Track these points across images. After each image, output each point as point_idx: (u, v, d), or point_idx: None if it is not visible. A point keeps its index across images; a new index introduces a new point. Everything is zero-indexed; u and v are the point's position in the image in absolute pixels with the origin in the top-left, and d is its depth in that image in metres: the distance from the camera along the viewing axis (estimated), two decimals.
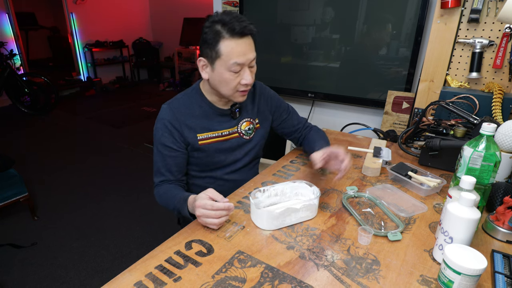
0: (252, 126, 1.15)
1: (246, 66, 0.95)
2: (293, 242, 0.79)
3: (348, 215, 0.90)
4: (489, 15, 1.36)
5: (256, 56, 0.97)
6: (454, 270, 0.61)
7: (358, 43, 1.89)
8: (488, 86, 1.34)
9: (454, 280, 0.62)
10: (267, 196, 0.93)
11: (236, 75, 0.95)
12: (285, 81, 2.19)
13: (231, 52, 0.91)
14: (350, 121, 1.90)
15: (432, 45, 1.48)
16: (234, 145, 1.11)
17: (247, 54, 0.93)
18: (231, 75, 0.94)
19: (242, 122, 1.12)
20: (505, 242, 0.79)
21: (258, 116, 1.17)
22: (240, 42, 0.91)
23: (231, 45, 0.90)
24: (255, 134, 1.16)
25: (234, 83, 0.96)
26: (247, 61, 0.93)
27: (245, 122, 1.13)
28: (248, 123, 1.13)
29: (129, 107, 5.06)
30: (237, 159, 1.14)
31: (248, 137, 1.14)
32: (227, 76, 0.94)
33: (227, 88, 0.97)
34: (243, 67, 0.94)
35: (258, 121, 1.17)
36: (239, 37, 0.90)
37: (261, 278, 0.67)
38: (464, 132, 1.16)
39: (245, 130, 1.13)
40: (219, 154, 1.09)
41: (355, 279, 0.67)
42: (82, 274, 1.77)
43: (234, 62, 0.92)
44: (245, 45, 0.92)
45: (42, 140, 3.70)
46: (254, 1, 2.13)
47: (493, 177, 0.77)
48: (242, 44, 0.91)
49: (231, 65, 0.92)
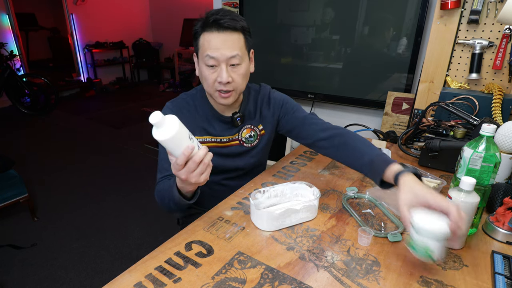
0: (254, 133, 1.09)
1: (222, 63, 0.90)
2: (293, 243, 0.79)
3: (348, 216, 0.90)
4: (488, 16, 1.36)
5: (241, 56, 0.92)
6: (422, 234, 0.63)
7: (358, 44, 1.90)
8: (488, 87, 1.34)
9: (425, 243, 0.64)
10: (267, 197, 0.93)
11: (213, 71, 0.91)
12: (285, 82, 2.20)
13: (205, 44, 0.89)
14: (350, 122, 1.90)
15: (432, 46, 1.48)
16: (234, 152, 1.07)
17: (222, 49, 0.88)
18: (207, 69, 0.92)
19: (243, 130, 1.07)
20: (505, 243, 0.79)
21: (261, 122, 1.10)
22: (216, 36, 0.88)
23: (207, 38, 0.89)
24: (260, 141, 1.10)
25: (211, 79, 0.92)
26: (221, 56, 0.89)
27: (246, 129, 1.08)
28: (249, 130, 1.08)
29: (129, 107, 5.06)
30: (237, 166, 1.10)
31: (250, 145, 1.09)
32: (204, 70, 0.93)
33: (206, 85, 0.95)
34: (220, 64, 0.90)
35: (262, 127, 1.10)
36: (216, 30, 0.88)
37: (261, 279, 0.67)
38: (464, 133, 1.16)
39: (246, 137, 1.08)
40: (218, 158, 1.04)
41: (355, 280, 0.67)
42: (82, 275, 1.77)
43: (206, 55, 0.89)
44: (222, 40, 0.88)
45: (42, 141, 3.70)
46: (254, 2, 2.13)
47: (493, 178, 0.77)
48: (218, 38, 0.88)
49: (205, 59, 0.90)
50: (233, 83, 0.93)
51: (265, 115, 1.10)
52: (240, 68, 0.93)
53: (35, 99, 4.53)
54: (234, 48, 0.89)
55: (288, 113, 1.09)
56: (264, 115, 1.10)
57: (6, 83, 4.33)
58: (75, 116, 4.61)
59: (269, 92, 1.12)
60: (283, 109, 1.10)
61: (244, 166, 1.11)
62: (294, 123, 1.07)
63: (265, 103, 1.10)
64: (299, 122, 1.06)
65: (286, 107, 1.10)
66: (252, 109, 1.09)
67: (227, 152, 1.06)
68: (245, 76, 0.96)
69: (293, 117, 1.08)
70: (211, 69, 0.91)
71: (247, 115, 1.08)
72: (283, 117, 1.10)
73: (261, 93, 1.11)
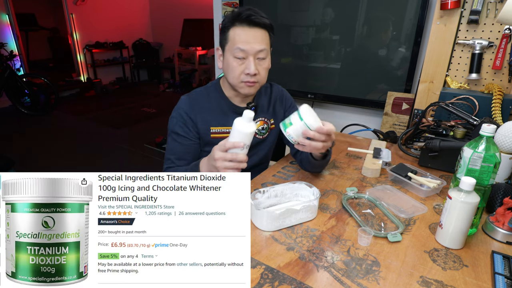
0: (266, 126, 1.16)
1: (251, 56, 0.97)
2: (293, 243, 0.79)
3: (348, 216, 0.90)
4: (488, 16, 1.36)
5: (268, 51, 1.00)
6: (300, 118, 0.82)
7: (358, 44, 1.90)
8: (487, 87, 1.34)
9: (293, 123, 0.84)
10: (267, 197, 0.93)
11: (241, 63, 0.98)
12: (285, 82, 2.19)
13: (236, 38, 0.96)
14: (350, 122, 1.90)
15: (432, 46, 1.48)
16: None
17: (252, 43, 0.96)
18: (235, 61, 0.98)
19: (256, 121, 1.13)
20: (505, 243, 0.79)
21: (273, 116, 1.18)
22: (247, 30, 0.96)
23: (238, 32, 0.96)
24: (270, 134, 1.18)
25: (238, 71, 0.99)
26: (251, 49, 0.96)
27: (259, 121, 1.14)
28: (262, 123, 1.15)
29: (129, 108, 5.06)
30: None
31: (261, 137, 1.15)
32: (232, 62, 0.98)
33: (232, 76, 1.00)
34: (248, 57, 0.97)
35: (274, 121, 1.18)
36: (247, 25, 0.95)
37: (261, 279, 0.67)
38: (464, 133, 1.16)
39: (259, 129, 1.14)
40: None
41: (355, 280, 0.67)
42: None
43: (237, 48, 0.96)
44: (252, 35, 0.96)
45: (42, 141, 3.70)
46: (254, 2, 2.13)
47: (493, 178, 0.77)
48: (249, 33, 0.96)
49: (235, 51, 0.96)
50: (258, 76, 1.00)
51: (278, 111, 1.19)
52: (265, 62, 1.01)
53: (35, 99, 4.52)
54: (263, 43, 0.98)
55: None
56: (277, 111, 1.19)
57: (6, 83, 4.33)
58: (75, 116, 4.61)
59: (282, 90, 1.22)
60: (288, 110, 1.20)
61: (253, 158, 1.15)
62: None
63: (278, 99, 1.19)
64: None
65: (291, 109, 1.20)
66: (265, 104, 1.16)
67: None
68: (267, 70, 1.04)
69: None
70: (239, 61, 0.98)
71: (260, 108, 1.15)
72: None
73: (274, 90, 1.19)
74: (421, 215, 0.91)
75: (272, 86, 1.20)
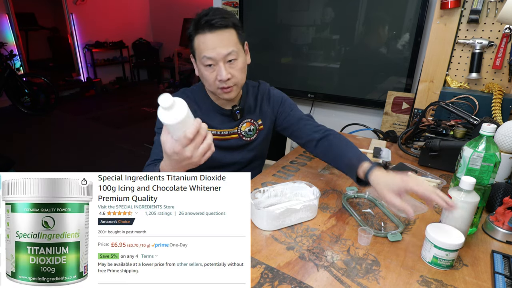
0: (253, 128, 1.12)
1: (220, 62, 0.92)
2: (293, 242, 0.79)
3: (348, 216, 0.90)
4: (488, 15, 1.36)
5: (237, 51, 0.93)
6: (436, 246, 0.69)
7: (358, 44, 1.89)
8: (487, 86, 1.34)
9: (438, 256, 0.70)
10: (267, 197, 0.93)
11: (212, 70, 0.94)
12: (285, 82, 2.19)
13: (201, 46, 0.91)
14: (350, 122, 1.90)
15: (432, 46, 1.48)
16: (233, 146, 1.10)
17: (218, 48, 0.90)
18: (206, 70, 0.94)
19: (242, 123, 1.10)
20: (505, 243, 0.80)
21: (261, 117, 1.13)
22: (209, 36, 0.90)
23: (201, 40, 0.91)
24: (258, 135, 1.13)
25: (211, 79, 0.95)
26: (218, 55, 0.91)
27: (246, 123, 1.10)
28: (248, 124, 1.11)
29: (129, 107, 5.06)
30: (235, 160, 1.12)
31: (248, 139, 1.11)
32: (203, 71, 0.95)
33: (208, 84, 0.98)
34: (217, 63, 0.92)
35: (262, 122, 1.13)
36: (209, 31, 0.89)
37: (261, 279, 0.67)
38: (464, 133, 1.16)
39: (245, 131, 1.10)
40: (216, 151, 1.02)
41: (355, 279, 0.67)
42: None
43: (204, 56, 0.91)
44: (216, 39, 0.90)
45: (42, 141, 3.69)
46: (254, 2, 2.13)
47: (493, 177, 0.77)
48: (212, 38, 0.90)
49: (203, 60, 0.92)
50: (233, 79, 0.95)
51: (265, 111, 1.13)
52: (237, 63, 0.95)
53: (35, 99, 4.52)
54: (229, 45, 0.91)
55: (285, 111, 1.13)
56: (264, 111, 1.13)
57: (6, 83, 4.33)
58: (75, 116, 4.61)
59: (268, 88, 1.16)
60: (281, 107, 1.14)
61: (242, 160, 1.13)
62: (291, 121, 1.11)
63: (265, 99, 1.14)
64: (295, 120, 1.10)
65: (284, 105, 1.14)
66: (252, 104, 1.12)
67: (226, 145, 1.08)
68: (243, 69, 0.98)
69: (290, 115, 1.12)
70: (209, 69, 0.94)
71: (247, 109, 1.11)
72: (280, 115, 1.14)
73: (261, 89, 1.14)
74: (421, 214, 0.91)
75: (260, 84, 1.15)
